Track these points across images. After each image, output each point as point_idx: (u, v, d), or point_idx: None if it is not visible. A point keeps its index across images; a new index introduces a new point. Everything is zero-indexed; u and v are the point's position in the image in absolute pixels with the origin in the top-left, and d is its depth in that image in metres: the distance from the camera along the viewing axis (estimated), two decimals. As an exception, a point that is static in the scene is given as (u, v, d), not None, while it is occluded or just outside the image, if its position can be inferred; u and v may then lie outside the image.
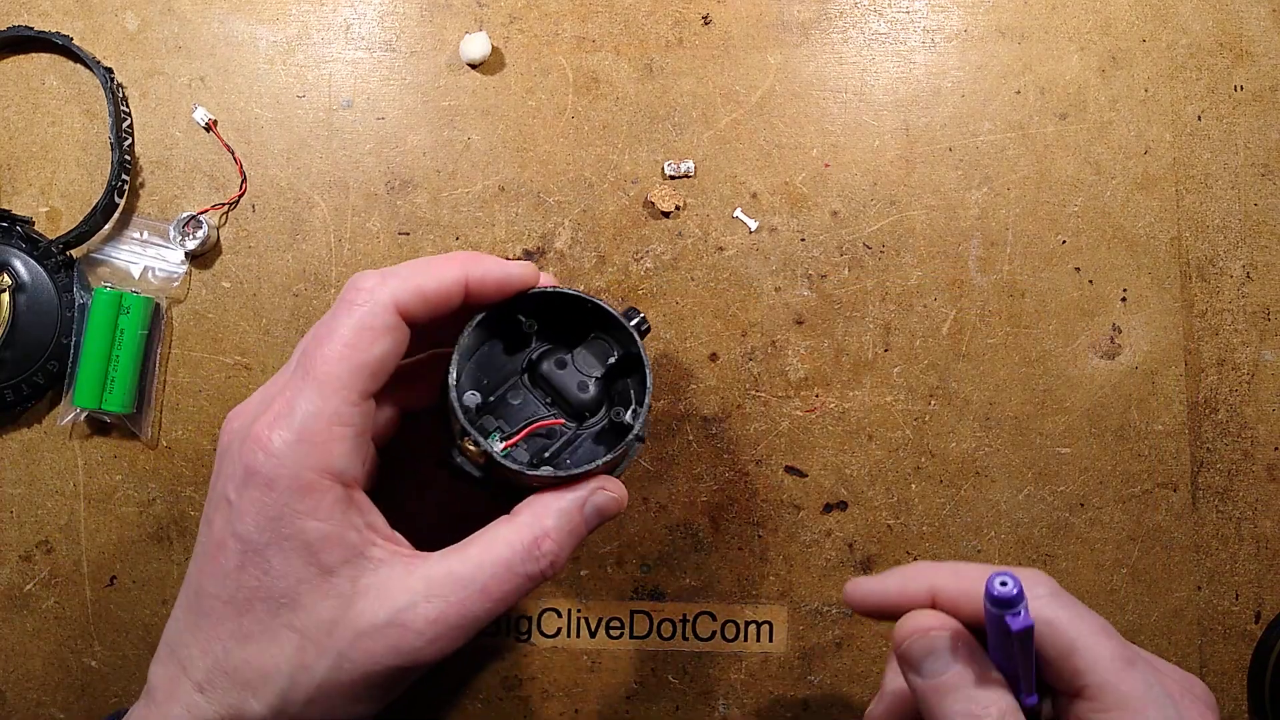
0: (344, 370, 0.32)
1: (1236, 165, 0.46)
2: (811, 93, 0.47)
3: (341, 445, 0.32)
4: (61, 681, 0.45)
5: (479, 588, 0.33)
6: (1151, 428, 0.46)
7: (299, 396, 0.32)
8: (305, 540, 0.31)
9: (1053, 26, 0.47)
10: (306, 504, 0.31)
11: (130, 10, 0.47)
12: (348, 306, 0.33)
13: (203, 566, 0.33)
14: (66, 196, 0.46)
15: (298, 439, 0.31)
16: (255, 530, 0.31)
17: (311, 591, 0.32)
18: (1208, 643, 0.45)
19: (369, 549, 0.33)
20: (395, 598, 0.32)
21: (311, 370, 0.32)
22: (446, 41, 0.47)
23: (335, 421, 0.32)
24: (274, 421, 0.32)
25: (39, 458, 0.46)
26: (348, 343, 0.32)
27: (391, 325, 0.33)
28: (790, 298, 0.46)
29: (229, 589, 0.32)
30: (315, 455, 0.31)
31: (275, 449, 0.31)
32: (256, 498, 0.31)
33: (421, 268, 0.34)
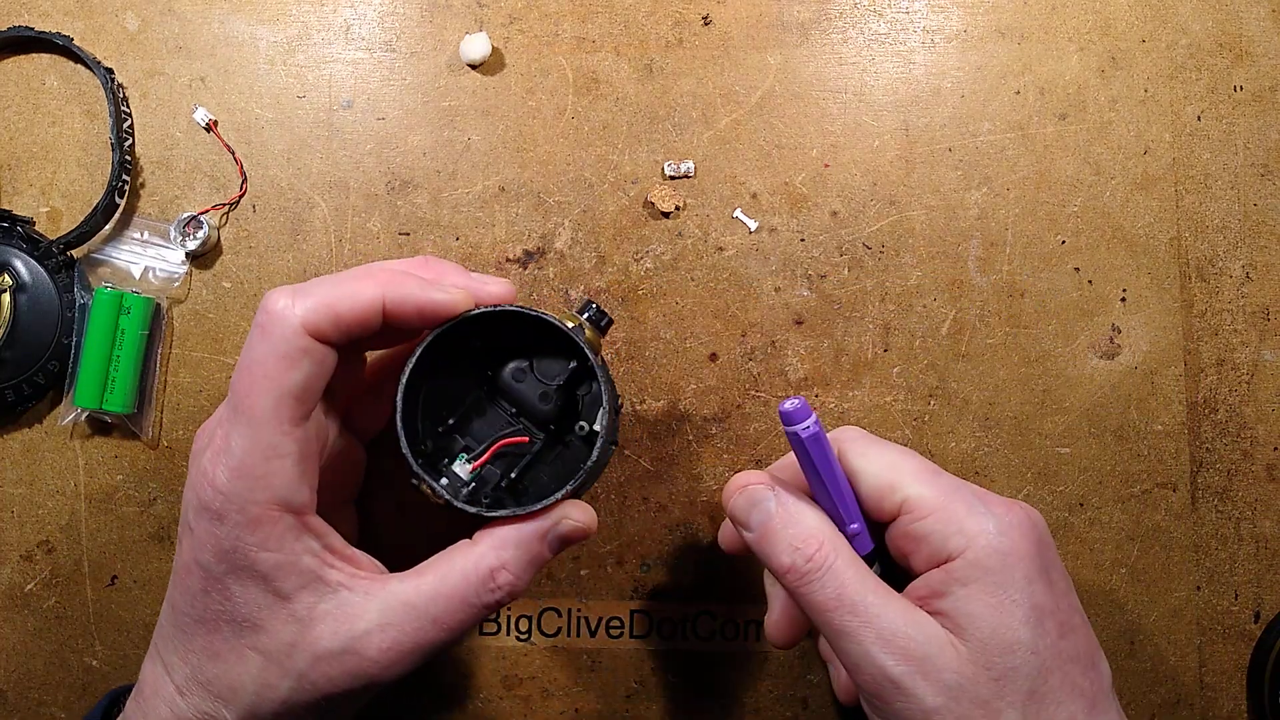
0: (268, 402, 0.31)
1: (1236, 165, 0.46)
2: (811, 93, 0.47)
3: (282, 476, 0.32)
4: (62, 681, 0.45)
5: (431, 619, 0.33)
6: (1151, 428, 0.46)
7: (232, 431, 0.32)
8: (260, 570, 0.32)
9: (1052, 27, 0.47)
10: (257, 536, 0.32)
11: (131, 11, 0.47)
12: (260, 332, 0.32)
13: (176, 584, 0.34)
14: (67, 197, 0.46)
15: (238, 474, 0.31)
16: (213, 560, 0.32)
17: (271, 617, 0.32)
18: (1207, 643, 0.45)
19: (325, 572, 0.33)
20: (352, 623, 0.33)
21: (238, 404, 0.32)
22: (446, 42, 0.47)
23: (271, 454, 0.31)
24: (215, 457, 0.32)
25: (40, 458, 0.46)
26: (266, 373, 0.31)
27: (306, 348, 0.32)
28: (790, 298, 0.46)
29: (198, 610, 0.33)
30: (257, 488, 0.31)
31: (220, 484, 0.31)
32: (210, 530, 0.32)
33: (334, 286, 0.33)
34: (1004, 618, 0.32)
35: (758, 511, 0.35)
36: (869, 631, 0.32)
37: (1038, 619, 0.33)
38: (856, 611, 0.32)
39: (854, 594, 0.33)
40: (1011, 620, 0.32)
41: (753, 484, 0.35)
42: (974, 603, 0.32)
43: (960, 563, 0.33)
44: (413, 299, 0.33)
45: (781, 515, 0.35)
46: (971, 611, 0.32)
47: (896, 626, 0.32)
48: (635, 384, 0.46)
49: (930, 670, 0.31)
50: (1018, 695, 0.32)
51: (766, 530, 0.35)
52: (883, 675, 0.32)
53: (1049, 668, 0.32)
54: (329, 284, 0.33)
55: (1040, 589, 0.33)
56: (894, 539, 0.36)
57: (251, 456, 0.31)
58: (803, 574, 0.33)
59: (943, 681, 0.31)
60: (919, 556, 0.34)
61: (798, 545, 0.34)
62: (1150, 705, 0.45)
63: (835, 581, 0.33)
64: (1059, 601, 0.34)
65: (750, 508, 0.35)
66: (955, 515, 0.34)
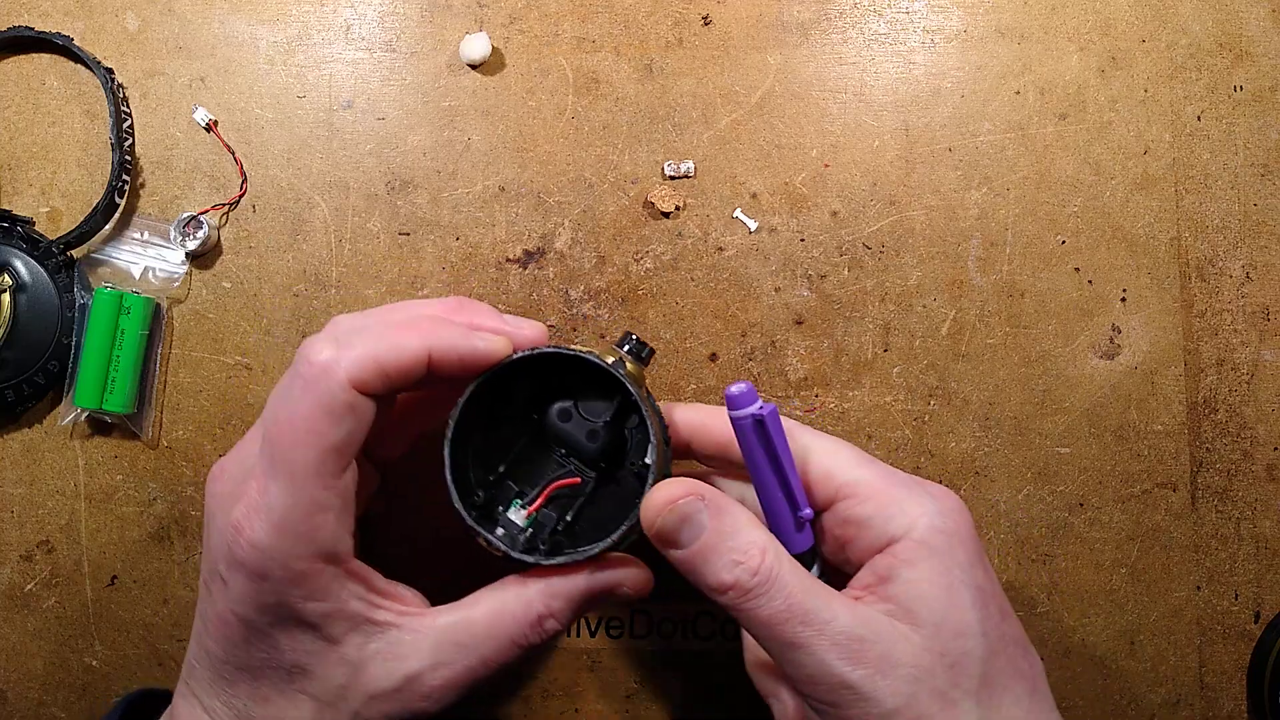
0: (311, 457, 0.31)
1: (1236, 165, 0.46)
2: (811, 93, 0.47)
3: (325, 530, 0.31)
4: (62, 681, 0.45)
5: (481, 658, 0.33)
6: (1151, 428, 0.46)
7: (271, 485, 0.31)
8: (308, 620, 0.32)
9: (1052, 27, 0.47)
10: (303, 590, 0.31)
11: (131, 11, 0.47)
12: (303, 384, 0.31)
13: (211, 632, 0.33)
14: (67, 197, 0.46)
15: (279, 531, 0.31)
16: (256, 614, 0.32)
17: (321, 662, 0.32)
18: (1207, 643, 0.45)
19: (373, 613, 0.33)
20: (403, 662, 0.33)
21: (278, 458, 0.31)
22: (447, 42, 0.47)
23: (314, 509, 0.31)
24: (251, 513, 0.31)
25: (40, 458, 0.46)
26: (310, 429, 0.31)
27: (352, 404, 0.31)
28: (790, 298, 0.46)
29: (240, 658, 0.32)
30: (301, 544, 0.31)
31: (259, 542, 0.31)
32: (250, 586, 0.31)
33: (379, 338, 0.32)
34: (954, 598, 0.32)
35: (690, 527, 0.32)
36: (823, 640, 0.30)
37: (983, 601, 0.32)
38: (808, 620, 0.31)
39: (803, 602, 0.31)
40: (961, 601, 0.32)
41: (680, 498, 0.32)
42: (923, 584, 0.32)
43: (905, 544, 0.32)
44: (456, 349, 0.33)
45: (718, 528, 0.32)
46: (922, 594, 0.32)
47: (850, 629, 0.30)
48: (635, 384, 0.46)
49: (888, 668, 0.30)
50: (972, 683, 0.31)
51: (703, 547, 0.32)
52: (840, 683, 0.30)
53: (995, 651, 0.32)
54: (373, 336, 0.32)
55: (980, 572, 0.33)
56: (831, 528, 0.35)
57: (294, 513, 0.31)
58: (747, 590, 0.31)
59: (900, 678, 0.30)
60: (859, 543, 0.33)
61: (739, 559, 0.31)
62: (1150, 705, 0.45)
63: (783, 592, 0.31)
64: (994, 586, 0.33)
65: (681, 524, 0.32)
66: (896, 498, 0.33)
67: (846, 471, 0.34)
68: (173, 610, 0.45)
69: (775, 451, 0.33)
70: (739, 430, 0.33)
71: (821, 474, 0.34)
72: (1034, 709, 0.32)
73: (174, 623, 0.45)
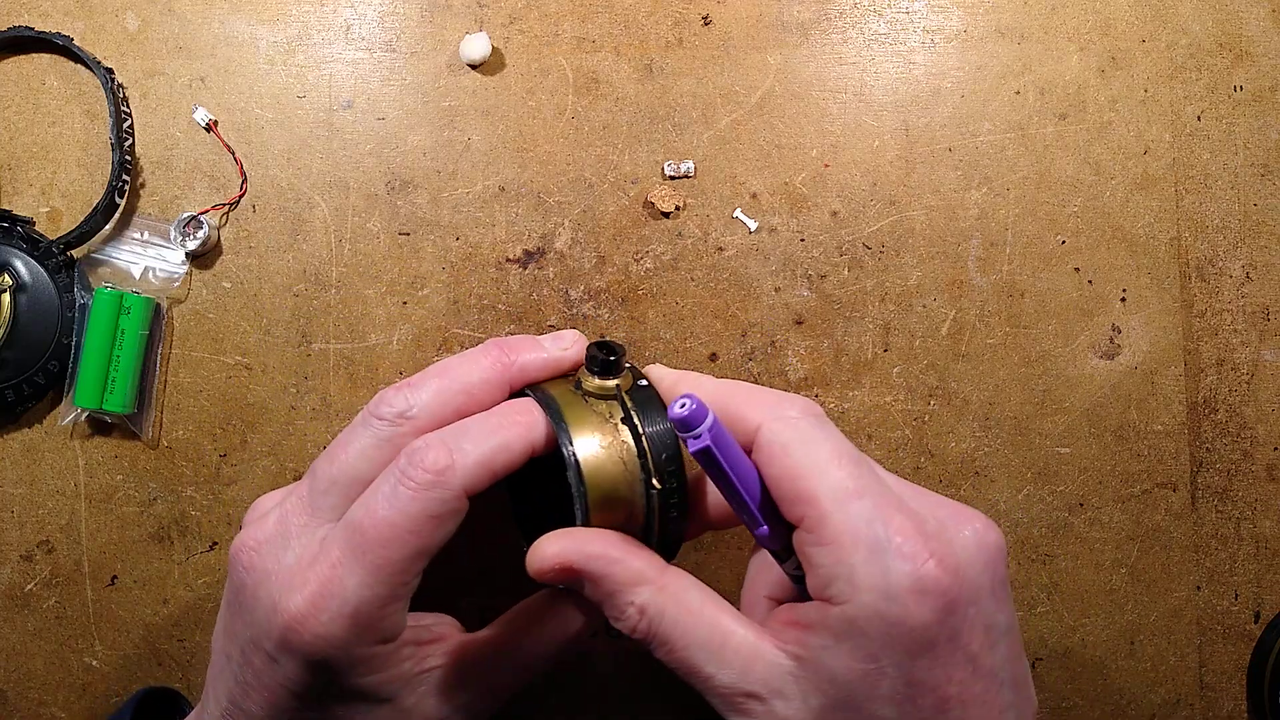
0: (404, 556, 0.30)
1: (1236, 165, 0.46)
2: (811, 93, 0.47)
3: (393, 619, 0.31)
4: (62, 681, 0.45)
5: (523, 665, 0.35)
6: (1151, 428, 0.46)
7: (350, 578, 0.30)
8: (363, 691, 0.32)
9: (1052, 27, 0.47)
10: (360, 669, 0.31)
11: (131, 10, 0.47)
12: (416, 489, 0.30)
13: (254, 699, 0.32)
14: (67, 197, 0.46)
15: (351, 624, 0.30)
16: (307, 691, 0.31)
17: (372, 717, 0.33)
18: (1207, 643, 0.45)
19: (423, 664, 0.33)
20: (453, 695, 0.34)
21: (368, 553, 0.30)
22: (446, 42, 0.47)
23: (389, 601, 0.31)
24: (320, 602, 0.30)
25: (40, 458, 0.46)
26: (414, 530, 0.30)
27: (460, 510, 0.31)
28: (790, 298, 0.46)
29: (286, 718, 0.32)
30: (370, 634, 0.31)
31: (325, 633, 0.30)
32: (306, 669, 0.31)
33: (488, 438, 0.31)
34: (869, 689, 0.29)
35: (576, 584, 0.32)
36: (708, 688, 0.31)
37: (910, 695, 0.28)
38: (693, 672, 0.31)
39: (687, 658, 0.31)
40: (876, 693, 0.28)
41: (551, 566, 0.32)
42: (839, 662, 0.29)
43: (836, 614, 0.29)
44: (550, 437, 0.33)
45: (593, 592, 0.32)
46: (833, 668, 0.29)
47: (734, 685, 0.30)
48: (635, 384, 0.46)
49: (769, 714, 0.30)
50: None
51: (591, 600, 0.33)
52: None
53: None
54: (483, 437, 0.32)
55: (926, 663, 0.28)
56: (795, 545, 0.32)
57: (369, 607, 0.30)
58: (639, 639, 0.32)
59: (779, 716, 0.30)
60: (809, 578, 0.30)
61: (617, 617, 0.32)
62: (1150, 705, 0.45)
63: (664, 648, 0.31)
64: (953, 672, 0.29)
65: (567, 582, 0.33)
66: (849, 557, 0.29)
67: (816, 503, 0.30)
68: (173, 610, 0.45)
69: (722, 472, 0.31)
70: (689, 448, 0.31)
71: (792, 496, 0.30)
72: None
73: (174, 623, 0.45)
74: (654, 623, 0.31)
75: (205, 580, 0.45)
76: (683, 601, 0.32)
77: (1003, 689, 0.30)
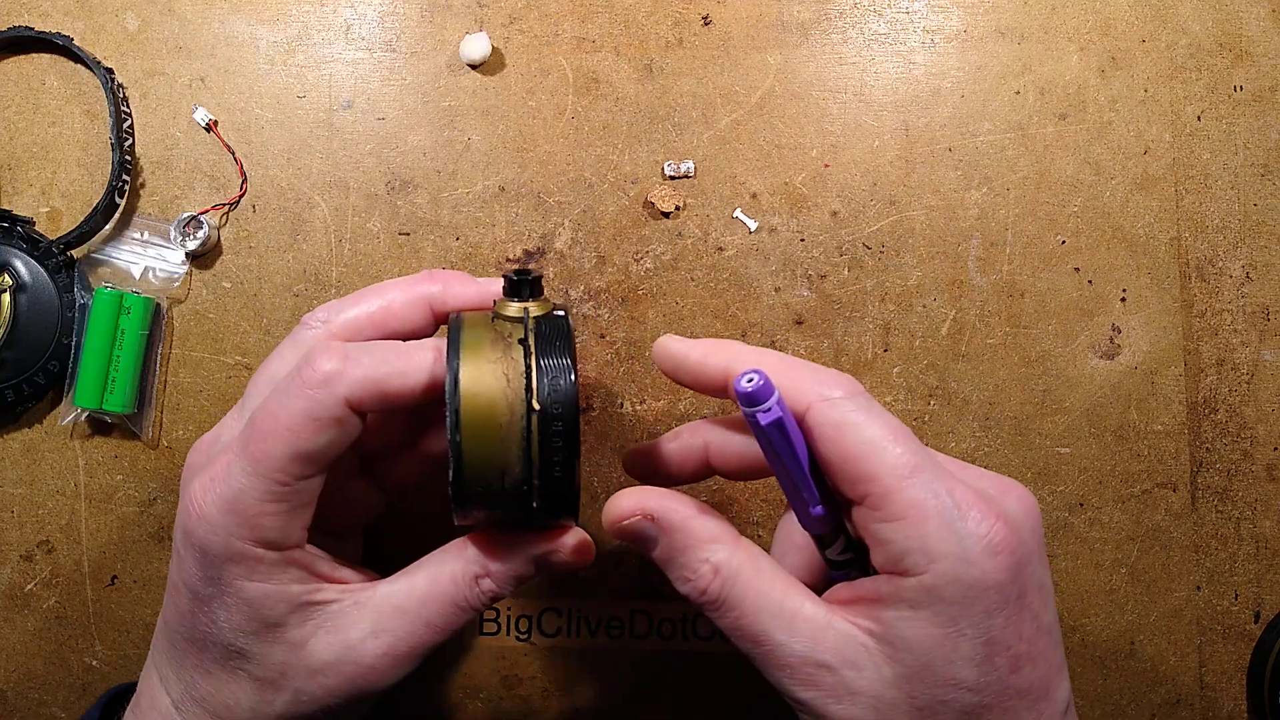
0: (282, 453, 0.31)
1: (1236, 165, 0.46)
2: (811, 93, 0.47)
3: (273, 520, 0.31)
4: (62, 681, 0.45)
5: (424, 621, 0.33)
6: (1151, 428, 0.46)
7: (234, 467, 0.31)
8: (246, 598, 0.32)
9: (1052, 26, 0.47)
10: (241, 569, 0.32)
11: (131, 10, 0.47)
12: (299, 384, 0.31)
13: (168, 600, 0.34)
14: (67, 197, 0.46)
15: (228, 510, 0.31)
16: (199, 585, 0.32)
17: (259, 642, 0.32)
18: (1207, 643, 0.45)
19: (314, 595, 0.33)
20: (345, 634, 0.33)
21: (250, 444, 0.31)
22: (446, 42, 0.47)
23: (266, 498, 0.31)
24: (209, 485, 0.31)
25: (40, 458, 0.46)
26: (289, 427, 0.31)
27: (340, 419, 0.31)
28: (790, 298, 0.46)
29: (187, 629, 0.33)
30: (245, 528, 0.31)
31: (208, 515, 0.31)
32: (194, 557, 0.32)
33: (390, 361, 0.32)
34: (948, 652, 0.29)
35: (644, 543, 0.33)
36: (774, 660, 0.30)
37: (989, 655, 0.29)
38: (760, 641, 0.31)
39: (754, 624, 0.31)
40: (956, 655, 0.29)
41: (628, 516, 0.32)
42: (917, 630, 0.29)
43: (913, 584, 0.29)
44: None
45: (669, 544, 0.32)
46: (910, 637, 0.29)
47: (804, 654, 0.30)
48: (635, 384, 0.46)
49: (843, 694, 0.30)
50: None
51: (660, 558, 0.33)
52: (790, 697, 0.31)
53: (988, 704, 0.29)
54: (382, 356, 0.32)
55: (1001, 621, 0.29)
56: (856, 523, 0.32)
57: (247, 497, 0.31)
58: (700, 604, 0.32)
59: (857, 704, 0.30)
60: (875, 554, 0.31)
61: (689, 576, 0.32)
62: (1150, 705, 0.45)
63: (734, 612, 0.31)
64: (1023, 628, 0.30)
65: (635, 540, 0.33)
66: (920, 529, 0.29)
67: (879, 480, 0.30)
68: (173, 610, 0.45)
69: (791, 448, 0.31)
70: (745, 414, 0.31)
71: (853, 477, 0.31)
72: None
73: (174, 623, 0.45)
74: (728, 583, 0.31)
75: (205, 580, 0.45)
76: (757, 566, 0.32)
77: (1057, 646, 0.31)
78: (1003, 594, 0.29)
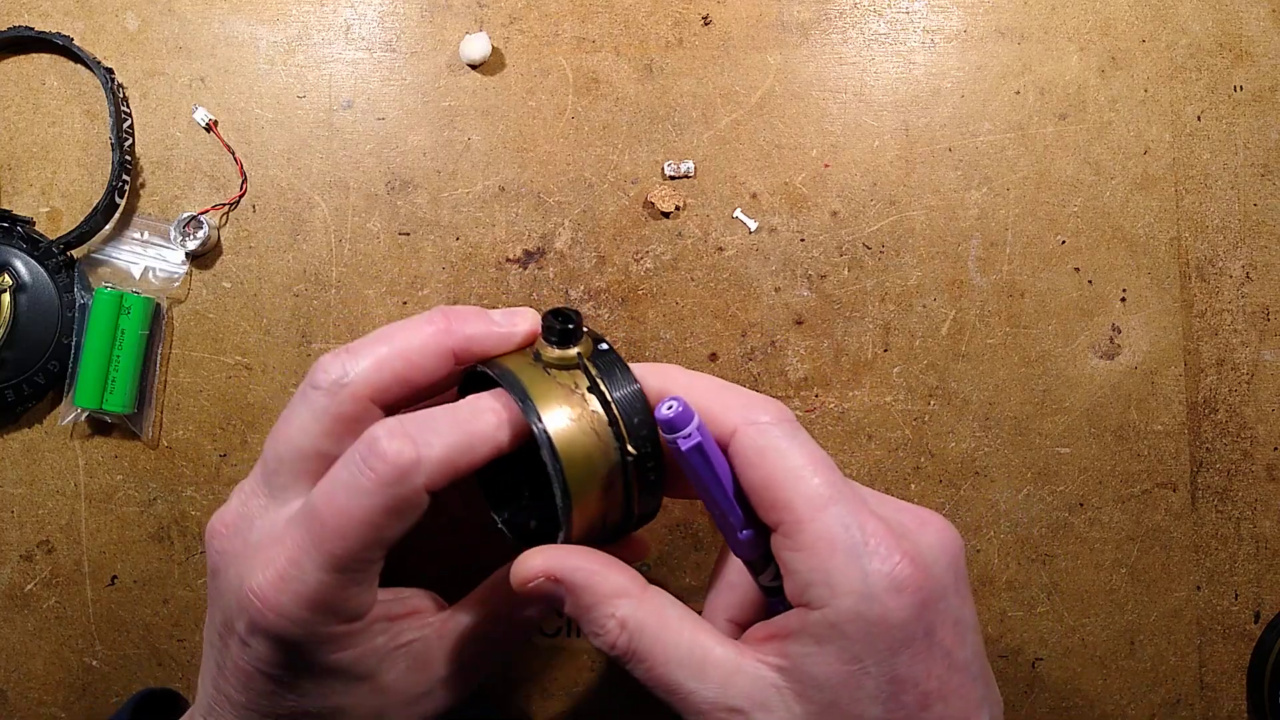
0: (361, 547, 0.30)
1: (1236, 165, 0.46)
2: (811, 93, 0.47)
3: (354, 601, 0.31)
4: (62, 681, 0.45)
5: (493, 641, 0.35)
6: (1151, 428, 0.46)
7: (308, 564, 0.30)
8: (333, 668, 0.32)
9: (1052, 27, 0.47)
10: (329, 647, 0.31)
11: (131, 10, 0.47)
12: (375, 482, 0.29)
13: (232, 682, 0.32)
14: (67, 197, 0.46)
15: (309, 606, 0.30)
16: (281, 670, 0.31)
17: (352, 697, 0.33)
18: (1207, 643, 0.45)
19: (398, 639, 0.33)
20: (430, 669, 0.34)
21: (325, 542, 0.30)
22: (446, 42, 0.47)
23: (349, 585, 0.30)
24: (279, 584, 0.30)
25: (40, 458, 0.46)
26: (369, 523, 0.30)
27: (420, 505, 0.30)
28: (790, 298, 0.46)
29: (266, 707, 0.32)
30: (330, 616, 0.31)
31: (287, 611, 0.30)
32: (273, 648, 0.31)
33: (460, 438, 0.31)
34: (853, 690, 0.29)
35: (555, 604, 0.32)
36: (687, 707, 0.31)
37: (894, 692, 0.29)
38: (673, 690, 0.31)
39: (666, 675, 0.31)
40: (861, 693, 0.29)
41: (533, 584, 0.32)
42: (821, 666, 0.29)
43: (816, 618, 0.29)
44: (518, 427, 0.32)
45: (575, 603, 0.32)
46: (816, 675, 0.29)
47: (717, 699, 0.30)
48: (635, 384, 0.46)
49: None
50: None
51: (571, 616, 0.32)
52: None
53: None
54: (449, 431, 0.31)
55: (907, 658, 0.29)
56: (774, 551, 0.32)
57: (327, 590, 0.30)
58: (613, 658, 0.32)
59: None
60: (787, 584, 0.31)
61: (597, 631, 0.31)
62: (1150, 705, 0.45)
63: (644, 664, 0.31)
64: (933, 666, 0.29)
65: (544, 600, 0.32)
66: (826, 561, 0.29)
67: (792, 508, 0.30)
68: (173, 610, 0.45)
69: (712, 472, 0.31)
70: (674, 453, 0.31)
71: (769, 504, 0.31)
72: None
73: (174, 623, 0.45)
74: (634, 637, 0.31)
75: (205, 580, 0.45)
76: (662, 616, 0.31)
77: (976, 682, 0.30)
78: (907, 631, 0.29)
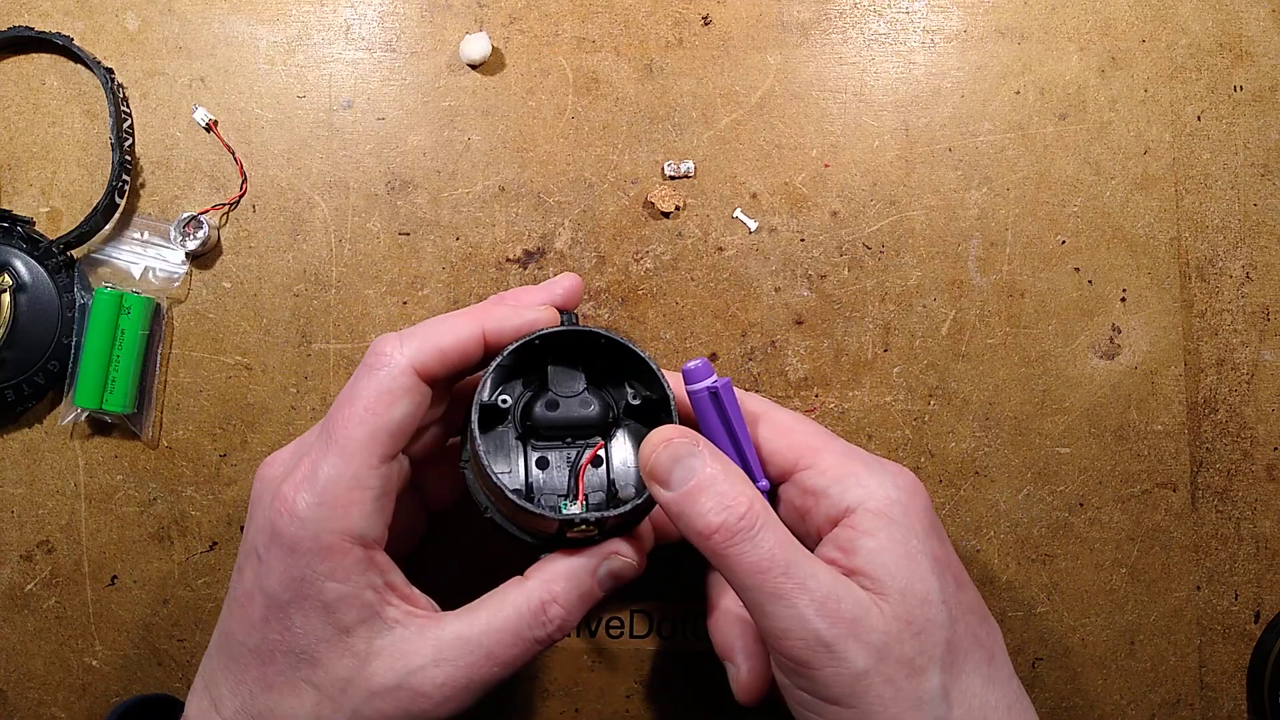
0: (363, 433, 0.33)
1: (1236, 165, 0.47)
2: (811, 93, 0.47)
3: (361, 507, 0.33)
4: (62, 681, 0.45)
5: (485, 653, 0.33)
6: (1151, 428, 0.46)
7: (322, 460, 0.33)
8: (325, 600, 0.33)
9: (1052, 26, 0.47)
10: (326, 565, 0.32)
11: (130, 10, 0.47)
12: (368, 371, 0.34)
13: (233, 612, 0.34)
14: (67, 197, 0.46)
15: (320, 502, 0.32)
16: (280, 588, 0.33)
17: (329, 650, 0.33)
18: (1207, 643, 0.45)
19: (385, 609, 0.34)
20: (407, 660, 0.33)
21: (334, 435, 0.33)
22: (447, 42, 0.47)
23: (355, 485, 0.33)
24: (299, 484, 0.33)
25: (40, 458, 0.46)
26: (367, 406, 0.33)
27: (409, 387, 0.34)
28: (790, 298, 0.46)
29: (255, 639, 0.33)
30: (336, 518, 0.32)
31: (299, 511, 0.32)
32: (281, 557, 0.32)
33: (438, 326, 0.35)
34: (914, 567, 0.33)
35: (682, 468, 0.33)
36: (803, 595, 0.31)
37: (940, 570, 0.33)
38: (790, 573, 0.31)
39: (787, 555, 0.31)
40: (921, 569, 0.33)
41: (676, 439, 0.33)
42: (884, 553, 0.33)
43: (862, 514, 0.34)
44: (509, 323, 0.36)
45: (709, 472, 0.32)
46: (884, 563, 0.33)
47: (828, 589, 0.31)
48: (635, 384, 0.46)
49: (861, 631, 0.31)
50: (936, 650, 0.32)
51: (694, 488, 0.32)
52: (816, 639, 0.31)
53: (955, 619, 0.33)
54: (431, 325, 0.35)
55: (935, 542, 0.34)
56: (791, 498, 0.37)
57: (338, 485, 0.32)
58: (734, 533, 0.32)
59: (871, 643, 0.31)
60: (817, 513, 0.35)
61: (728, 503, 0.32)
62: (1150, 705, 0.45)
63: (769, 541, 0.32)
64: (950, 556, 0.35)
65: (674, 463, 0.33)
66: (853, 470, 0.35)
67: (806, 445, 0.36)
68: (173, 610, 0.45)
69: (730, 424, 0.35)
70: (695, 403, 0.35)
71: (782, 446, 0.36)
72: (993, 676, 0.34)
73: (174, 623, 0.45)
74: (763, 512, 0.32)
75: (205, 580, 0.45)
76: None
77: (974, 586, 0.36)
78: (927, 517, 0.35)
